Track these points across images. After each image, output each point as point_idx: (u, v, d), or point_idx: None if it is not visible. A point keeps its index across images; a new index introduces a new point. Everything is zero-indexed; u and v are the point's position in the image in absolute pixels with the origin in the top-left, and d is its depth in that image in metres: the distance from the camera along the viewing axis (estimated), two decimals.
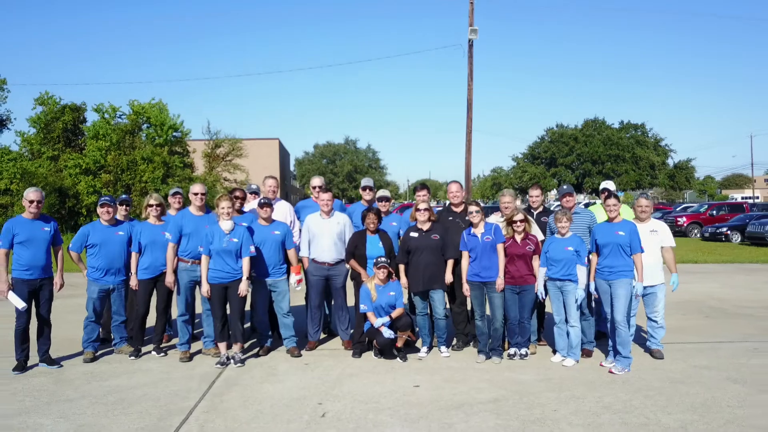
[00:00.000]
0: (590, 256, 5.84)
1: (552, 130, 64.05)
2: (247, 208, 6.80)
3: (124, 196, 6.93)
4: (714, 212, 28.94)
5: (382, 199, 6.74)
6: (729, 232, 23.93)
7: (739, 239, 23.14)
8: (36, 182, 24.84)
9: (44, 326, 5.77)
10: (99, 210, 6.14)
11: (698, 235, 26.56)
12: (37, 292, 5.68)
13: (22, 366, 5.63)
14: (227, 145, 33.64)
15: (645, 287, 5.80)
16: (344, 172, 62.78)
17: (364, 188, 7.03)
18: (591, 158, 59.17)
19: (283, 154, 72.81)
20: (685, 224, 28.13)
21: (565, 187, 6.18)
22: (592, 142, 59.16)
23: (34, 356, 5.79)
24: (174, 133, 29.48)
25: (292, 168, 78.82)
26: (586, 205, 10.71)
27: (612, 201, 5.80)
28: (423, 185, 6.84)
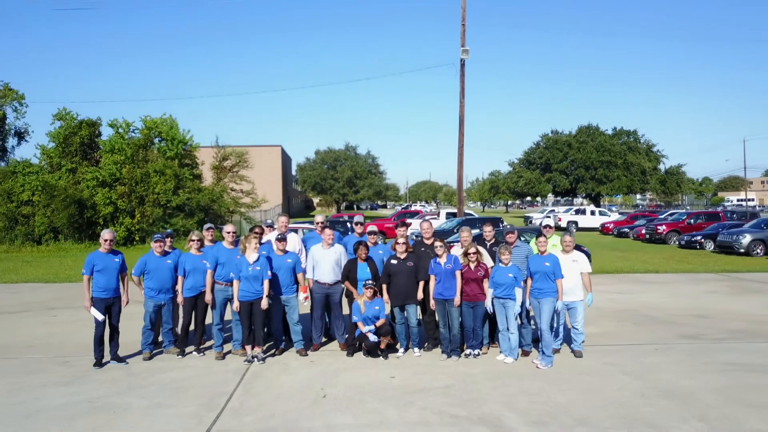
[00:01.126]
0: (526, 280, 7.72)
1: (547, 137, 65.37)
2: (264, 239, 8.67)
3: (169, 230, 8.79)
4: (692, 221, 30.81)
5: (371, 233, 8.61)
6: (703, 240, 25.63)
7: (712, 247, 24.89)
8: (56, 194, 26.64)
9: (114, 333, 7.66)
10: (153, 245, 8.00)
11: (676, 243, 28.40)
12: (110, 307, 7.55)
13: (99, 363, 7.49)
14: (234, 158, 35.47)
15: (567, 303, 7.67)
16: (344, 177, 64.66)
17: (356, 223, 8.93)
18: (584, 164, 60.67)
19: (285, 160, 74.67)
20: (664, 232, 29.98)
21: (508, 227, 8.04)
22: (586, 149, 60.56)
23: (105, 356, 7.66)
24: (184, 147, 31.34)
25: (294, 173, 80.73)
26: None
27: (542, 239, 7.68)
28: (403, 223, 8.72)
